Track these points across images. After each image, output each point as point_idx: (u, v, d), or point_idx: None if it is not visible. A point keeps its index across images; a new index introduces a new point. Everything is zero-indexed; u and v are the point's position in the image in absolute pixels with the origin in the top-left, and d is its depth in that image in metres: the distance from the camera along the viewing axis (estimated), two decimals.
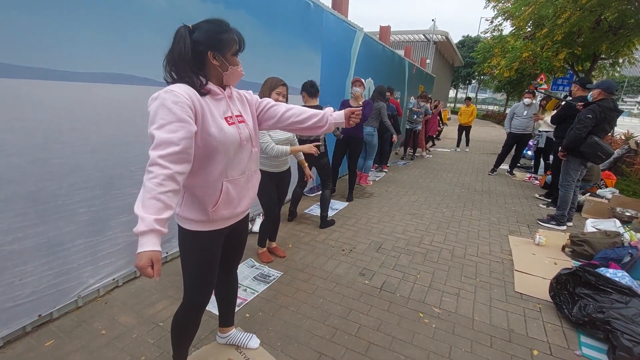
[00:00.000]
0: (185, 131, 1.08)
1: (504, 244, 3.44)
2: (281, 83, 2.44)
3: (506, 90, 23.05)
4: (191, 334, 1.55)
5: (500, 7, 10.94)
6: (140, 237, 0.99)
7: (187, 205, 1.32)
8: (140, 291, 2.32)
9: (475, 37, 29.82)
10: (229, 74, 1.27)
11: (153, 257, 0.99)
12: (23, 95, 1.68)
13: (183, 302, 1.46)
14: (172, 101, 1.08)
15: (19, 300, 1.80)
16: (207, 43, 1.19)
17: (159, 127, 1.06)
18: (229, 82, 1.30)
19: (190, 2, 2.47)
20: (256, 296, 2.34)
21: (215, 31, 1.20)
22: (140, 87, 2.22)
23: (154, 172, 1.03)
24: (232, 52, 1.24)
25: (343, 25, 4.98)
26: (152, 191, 1.01)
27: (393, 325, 2.12)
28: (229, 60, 1.24)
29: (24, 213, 1.75)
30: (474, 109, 9.29)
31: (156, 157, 1.04)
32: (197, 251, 1.38)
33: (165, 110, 1.07)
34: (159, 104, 1.09)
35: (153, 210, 1.00)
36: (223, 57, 1.22)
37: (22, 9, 1.61)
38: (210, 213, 1.29)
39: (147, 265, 0.98)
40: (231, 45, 1.23)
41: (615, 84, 3.73)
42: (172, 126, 1.07)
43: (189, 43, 1.17)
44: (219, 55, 1.22)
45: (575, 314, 2.16)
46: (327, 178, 3.53)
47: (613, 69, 12.33)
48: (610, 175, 5.66)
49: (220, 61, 1.22)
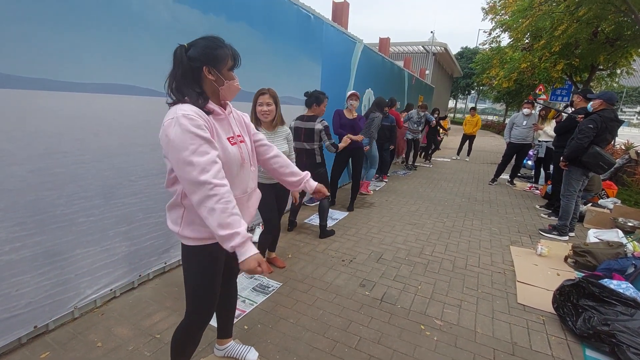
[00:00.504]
0: (215, 150, 1.17)
1: (506, 255, 3.40)
2: (262, 92, 2.39)
3: (505, 100, 23.20)
4: (191, 352, 1.52)
5: (498, 20, 11.13)
6: (239, 249, 1.13)
7: (187, 224, 1.30)
8: (137, 302, 2.29)
9: (474, 49, 30.16)
10: (225, 89, 1.28)
11: (258, 259, 1.15)
12: (25, 106, 1.69)
13: (185, 320, 1.44)
14: (194, 125, 1.13)
15: (15, 311, 1.78)
16: (202, 59, 1.21)
17: (193, 153, 1.11)
18: (225, 97, 1.31)
19: (193, 14, 2.50)
20: (255, 307, 2.31)
21: (210, 47, 1.22)
22: (142, 97, 2.24)
23: (218, 194, 1.12)
24: (227, 67, 1.26)
25: (343, 37, 5.05)
26: (225, 211, 1.12)
27: (394, 337, 2.09)
28: (224, 74, 1.26)
29: (23, 222, 1.75)
30: (479, 119, 9.37)
31: (210, 178, 1.11)
32: (200, 267, 1.37)
33: (189, 135, 1.12)
34: (182, 130, 1.11)
35: (237, 224, 1.13)
36: (218, 71, 1.24)
37: (25, 20, 1.63)
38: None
39: (256, 265, 1.14)
40: (225, 59, 1.25)
41: (616, 95, 3.75)
42: (203, 148, 1.13)
43: (186, 61, 1.20)
44: (214, 70, 1.24)
45: (580, 327, 2.12)
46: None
47: (611, 80, 12.43)
48: (612, 185, 5.64)
49: (215, 76, 1.24)
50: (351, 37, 5.32)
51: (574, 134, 3.72)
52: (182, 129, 1.11)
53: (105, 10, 1.95)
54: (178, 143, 1.11)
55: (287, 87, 3.80)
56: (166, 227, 2.53)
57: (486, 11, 11.84)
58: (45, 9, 1.70)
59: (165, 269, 2.67)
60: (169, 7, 2.32)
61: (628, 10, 6.28)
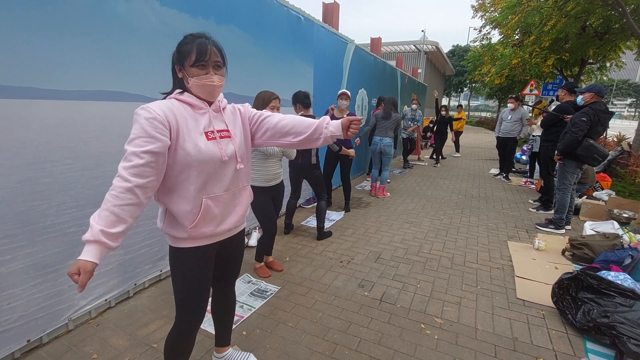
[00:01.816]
0: (151, 146, 1.10)
1: (504, 250, 3.40)
2: (274, 97, 2.44)
3: (498, 96, 23.36)
4: (185, 355, 1.49)
5: (487, 17, 11.20)
6: (85, 245, 1.03)
7: (170, 221, 1.29)
8: (133, 311, 2.25)
9: (465, 46, 30.37)
10: (193, 86, 1.23)
11: (82, 266, 1.00)
12: (12, 115, 1.66)
13: (175, 323, 1.42)
14: (144, 117, 1.12)
15: (7, 326, 1.73)
16: (174, 59, 1.25)
17: (129, 142, 1.11)
18: (198, 94, 1.25)
19: (181, 18, 2.48)
20: (253, 313, 2.28)
21: (179, 45, 1.23)
22: (131, 103, 2.21)
23: (114, 184, 1.07)
24: (190, 62, 1.19)
25: (334, 38, 5.04)
26: (107, 202, 1.05)
27: (394, 337, 2.07)
28: (188, 71, 1.21)
29: (12, 235, 1.71)
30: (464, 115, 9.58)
31: (120, 168, 1.08)
32: (183, 269, 1.34)
33: (137, 126, 1.12)
34: (134, 120, 1.13)
35: (104, 222, 1.03)
36: (184, 68, 1.22)
37: (9, 28, 1.60)
38: (189, 230, 1.25)
39: (74, 272, 1.00)
40: (188, 55, 1.20)
41: (604, 87, 3.79)
42: (139, 140, 1.10)
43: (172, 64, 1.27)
44: (181, 68, 1.23)
45: (580, 320, 2.12)
46: (321, 189, 3.49)
47: (601, 73, 12.57)
48: (606, 177, 5.69)
49: (182, 73, 1.24)
50: (342, 38, 5.32)
51: (567, 127, 3.74)
52: (135, 118, 1.14)
53: (91, 16, 1.92)
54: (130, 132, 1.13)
55: (279, 89, 3.74)
56: (160, 234, 2.52)
57: (476, 9, 11.93)
58: (30, 17, 1.66)
59: (160, 277, 2.64)
60: (157, 11, 2.30)
61: (615, 4, 6.35)
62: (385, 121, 5.02)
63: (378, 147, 5.10)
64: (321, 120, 1.35)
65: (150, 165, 1.10)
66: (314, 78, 4.51)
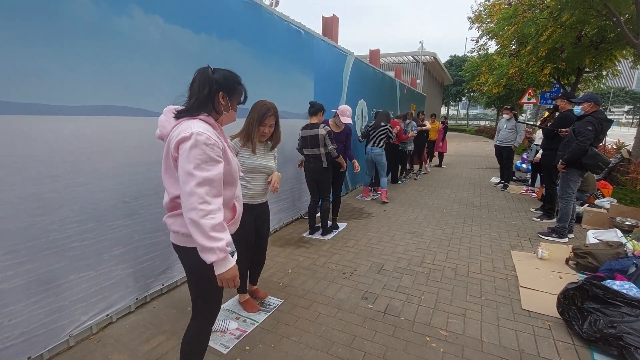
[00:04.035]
0: (218, 167, 1.31)
1: (507, 260, 3.38)
2: (270, 113, 2.13)
3: (496, 105, 23.55)
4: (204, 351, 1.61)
5: (484, 28, 11.38)
6: (220, 262, 1.27)
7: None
8: (135, 327, 2.23)
9: (463, 57, 30.75)
10: (227, 116, 1.50)
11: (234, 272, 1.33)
12: (15, 131, 1.67)
13: (197, 322, 1.53)
14: (205, 144, 1.27)
15: (7, 342, 1.71)
16: (223, 86, 1.41)
17: (196, 167, 1.25)
18: (222, 121, 1.50)
19: (184, 33, 2.52)
20: (256, 327, 2.26)
21: (232, 79, 1.46)
22: (134, 118, 2.23)
23: (204, 210, 1.24)
24: (237, 101, 1.51)
25: (334, 51, 5.12)
26: (210, 227, 1.24)
27: (399, 351, 2.04)
28: (233, 105, 1.49)
29: (14, 250, 1.71)
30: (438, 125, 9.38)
31: (203, 194, 1.25)
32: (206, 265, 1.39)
33: (199, 151, 1.26)
34: (194, 146, 1.26)
35: (219, 240, 1.26)
36: (230, 100, 1.46)
37: (13, 44, 1.63)
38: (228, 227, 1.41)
39: (232, 277, 1.32)
40: (239, 94, 1.51)
41: (599, 96, 3.84)
42: (207, 165, 1.27)
43: (214, 83, 1.38)
44: (227, 98, 1.44)
45: (586, 330, 2.09)
46: (326, 193, 3.82)
47: (598, 81, 12.69)
48: (606, 185, 5.68)
49: (226, 102, 1.45)
50: (342, 50, 5.40)
51: (568, 137, 3.76)
52: (194, 144, 1.25)
53: (94, 32, 1.96)
54: (187, 155, 1.25)
55: (281, 101, 3.79)
56: (163, 247, 2.51)
57: (472, 20, 12.14)
58: (34, 33, 1.70)
59: (162, 291, 2.62)
60: (160, 27, 2.34)
61: (610, 14, 6.46)
62: (375, 131, 5.42)
63: (369, 156, 5.55)
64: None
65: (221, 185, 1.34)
66: (314, 90, 4.56)
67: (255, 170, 2.25)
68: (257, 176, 2.27)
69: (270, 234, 3.97)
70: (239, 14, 3.08)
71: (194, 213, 1.23)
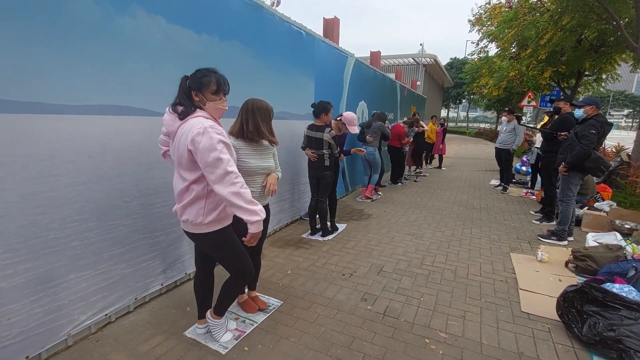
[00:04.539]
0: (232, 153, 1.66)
1: (507, 262, 3.38)
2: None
3: (496, 108, 23.58)
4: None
5: (484, 31, 11.41)
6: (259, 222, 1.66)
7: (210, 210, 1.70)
8: (133, 326, 2.22)
9: (463, 59, 30.81)
10: (209, 108, 1.67)
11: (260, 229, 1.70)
12: (17, 130, 1.67)
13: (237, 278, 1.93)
14: (218, 133, 1.57)
15: (6, 342, 1.71)
16: (192, 85, 1.64)
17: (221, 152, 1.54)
18: (212, 114, 1.68)
19: (186, 34, 2.53)
20: (255, 327, 2.25)
21: (199, 75, 1.64)
22: (136, 117, 2.23)
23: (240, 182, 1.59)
24: (210, 90, 1.65)
25: (335, 52, 5.13)
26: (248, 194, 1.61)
27: (399, 353, 2.04)
28: (207, 97, 1.65)
29: (14, 249, 1.70)
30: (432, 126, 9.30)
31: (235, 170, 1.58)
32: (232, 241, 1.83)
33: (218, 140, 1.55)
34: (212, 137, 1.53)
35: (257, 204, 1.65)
36: (202, 94, 1.65)
37: (15, 44, 1.63)
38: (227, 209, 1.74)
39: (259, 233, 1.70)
40: (209, 84, 1.64)
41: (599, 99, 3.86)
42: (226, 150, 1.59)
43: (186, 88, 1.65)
44: (199, 94, 1.65)
45: (586, 333, 2.09)
46: (324, 193, 3.82)
47: (598, 85, 12.72)
48: (606, 188, 5.68)
49: (200, 97, 1.65)
50: (343, 52, 5.41)
51: (569, 140, 3.76)
52: (211, 136, 1.53)
53: (96, 32, 1.96)
54: (209, 146, 1.51)
55: (281, 102, 3.83)
56: (162, 247, 2.51)
57: (472, 23, 12.15)
58: (36, 33, 1.70)
59: (162, 291, 2.61)
60: (162, 27, 2.34)
61: (610, 18, 6.48)
62: (367, 130, 5.58)
63: (363, 155, 5.60)
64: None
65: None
66: (315, 91, 4.57)
67: (253, 173, 2.15)
68: (257, 178, 2.19)
69: (270, 235, 3.97)
70: (240, 14, 3.09)
71: (234, 187, 1.53)
